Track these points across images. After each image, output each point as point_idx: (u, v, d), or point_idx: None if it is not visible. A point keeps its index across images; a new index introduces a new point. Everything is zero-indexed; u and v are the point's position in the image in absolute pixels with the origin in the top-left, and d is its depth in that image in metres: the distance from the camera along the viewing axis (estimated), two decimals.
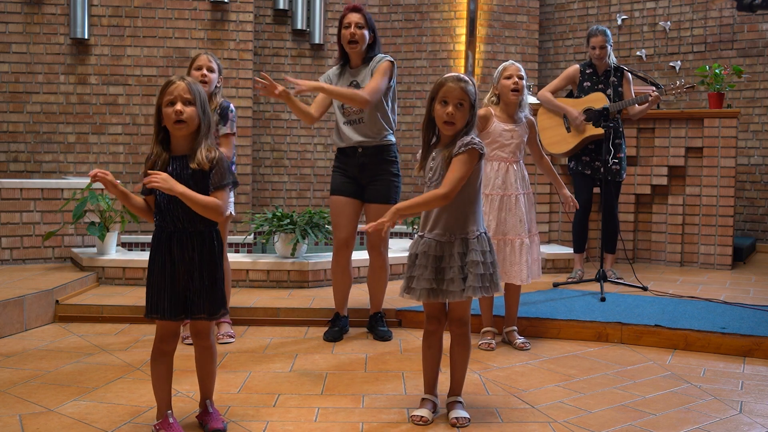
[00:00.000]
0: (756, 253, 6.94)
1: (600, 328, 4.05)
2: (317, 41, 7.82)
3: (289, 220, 4.93)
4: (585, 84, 5.28)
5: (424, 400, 2.87)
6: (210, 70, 3.80)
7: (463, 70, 7.86)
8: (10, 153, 6.86)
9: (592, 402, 3.05)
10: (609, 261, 5.32)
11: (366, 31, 3.87)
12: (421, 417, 2.78)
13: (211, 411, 2.70)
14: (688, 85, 5.10)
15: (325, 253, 5.09)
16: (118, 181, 2.52)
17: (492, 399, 3.08)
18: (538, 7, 8.17)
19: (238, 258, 5.01)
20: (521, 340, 3.90)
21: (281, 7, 7.68)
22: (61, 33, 6.84)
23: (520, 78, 3.81)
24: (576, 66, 5.36)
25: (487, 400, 3.06)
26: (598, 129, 4.94)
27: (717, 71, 5.97)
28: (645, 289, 4.89)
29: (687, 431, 2.75)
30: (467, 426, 2.76)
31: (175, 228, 2.57)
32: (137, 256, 5.03)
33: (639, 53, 7.88)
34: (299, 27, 7.76)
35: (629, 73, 5.28)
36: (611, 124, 4.85)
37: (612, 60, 5.27)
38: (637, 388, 3.25)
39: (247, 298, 4.53)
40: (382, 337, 3.99)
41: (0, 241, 5.11)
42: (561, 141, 5.26)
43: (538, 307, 4.37)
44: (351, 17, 3.86)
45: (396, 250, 5.34)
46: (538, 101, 5.42)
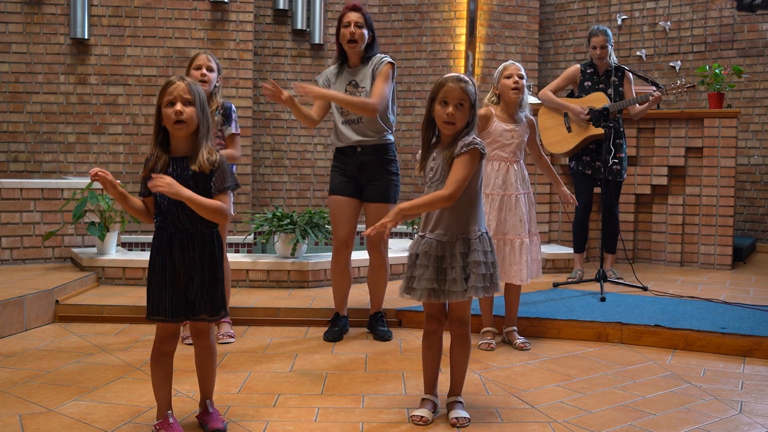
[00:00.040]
0: (756, 253, 6.94)
1: (600, 328, 4.05)
2: (317, 41, 7.82)
3: (289, 220, 4.93)
4: (586, 84, 5.27)
5: (424, 400, 2.87)
6: (209, 70, 3.80)
7: (463, 70, 7.85)
8: (10, 153, 6.86)
9: (592, 402, 3.05)
10: (609, 261, 5.32)
11: (365, 30, 3.87)
12: (421, 417, 2.78)
13: (211, 411, 2.70)
14: (689, 85, 5.10)
15: (325, 253, 5.09)
16: (118, 181, 2.52)
17: (492, 399, 3.08)
18: (538, 7, 8.17)
19: (238, 258, 5.01)
20: (521, 340, 3.89)
21: (281, 7, 7.68)
22: (61, 33, 6.84)
23: (521, 77, 3.81)
24: (577, 66, 5.36)
25: (487, 400, 3.06)
26: (599, 129, 4.94)
27: (717, 71, 5.97)
28: (645, 289, 4.89)
29: (687, 431, 2.75)
30: (467, 426, 2.76)
31: (176, 229, 2.57)
32: (137, 256, 5.03)
33: (639, 53, 7.87)
34: (299, 27, 7.76)
35: (630, 72, 5.28)
36: (611, 124, 4.84)
37: (613, 60, 5.27)
38: (637, 388, 3.25)
39: (247, 298, 4.53)
40: (382, 337, 3.99)
41: (0, 241, 5.11)
42: (561, 141, 5.26)
43: (538, 307, 4.37)
44: (350, 16, 3.85)
45: (396, 250, 5.34)
46: (539, 101, 5.42)
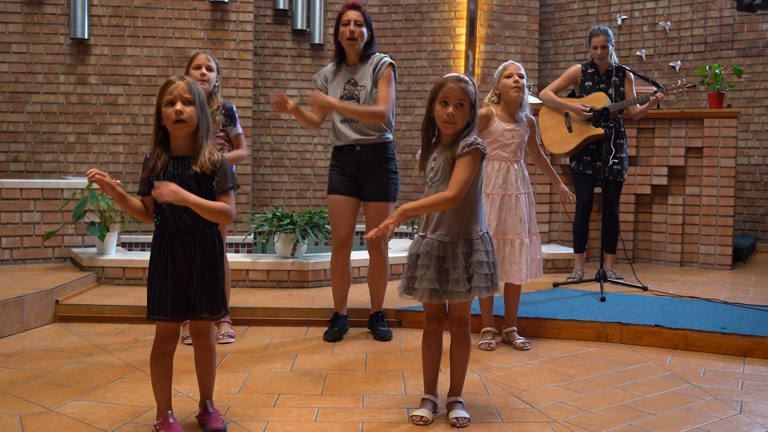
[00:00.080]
0: (756, 253, 6.94)
1: (600, 328, 4.05)
2: (317, 41, 7.82)
3: (289, 220, 4.93)
4: (587, 84, 5.27)
5: (424, 400, 2.87)
6: (209, 69, 3.80)
7: (463, 70, 7.85)
8: (10, 153, 6.86)
9: (592, 402, 3.05)
10: (609, 261, 5.32)
11: (365, 28, 3.87)
12: (421, 417, 2.78)
13: (211, 411, 2.70)
14: (690, 85, 5.10)
15: (325, 253, 5.08)
16: (117, 181, 2.51)
17: (492, 399, 3.08)
18: (538, 7, 8.17)
19: (238, 258, 5.01)
20: (521, 340, 3.89)
21: (281, 7, 7.68)
22: (61, 33, 6.84)
23: (521, 77, 3.81)
24: (578, 66, 5.36)
25: (487, 400, 3.06)
26: (600, 129, 4.94)
27: (717, 71, 5.96)
28: (645, 289, 4.89)
29: (687, 431, 2.75)
30: (467, 426, 2.76)
31: (177, 228, 2.57)
32: (137, 256, 5.03)
33: (639, 53, 7.87)
34: (299, 27, 7.76)
35: (631, 72, 5.28)
36: (611, 124, 4.84)
37: (614, 60, 5.27)
38: (637, 388, 3.25)
39: (247, 298, 4.53)
40: (383, 337, 3.99)
41: (0, 241, 5.11)
42: (562, 141, 5.25)
43: (538, 307, 4.37)
44: (350, 14, 3.85)
45: (396, 250, 5.34)
46: (540, 101, 5.42)
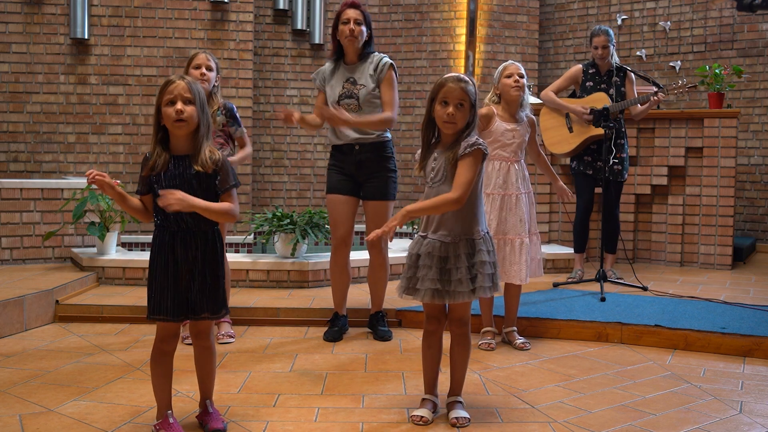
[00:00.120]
0: (756, 253, 6.94)
1: (600, 328, 4.05)
2: (317, 41, 7.82)
3: (289, 220, 4.93)
4: (587, 84, 5.27)
5: (424, 400, 2.87)
6: (208, 69, 3.81)
7: (463, 70, 7.85)
8: (10, 153, 6.86)
9: (592, 402, 3.05)
10: (609, 261, 5.32)
11: (364, 27, 3.87)
12: (421, 417, 2.78)
13: (211, 411, 2.70)
14: (690, 85, 5.10)
15: (325, 253, 5.08)
16: (117, 181, 2.51)
17: (492, 399, 3.08)
18: (538, 7, 8.17)
19: (238, 258, 5.01)
20: (521, 340, 3.89)
21: (281, 7, 7.68)
22: (61, 33, 6.84)
23: (521, 76, 3.82)
24: (579, 66, 5.36)
25: (487, 400, 3.05)
26: (600, 129, 4.94)
27: (717, 71, 5.96)
28: (645, 289, 4.89)
29: (687, 431, 2.75)
30: (467, 426, 2.76)
31: (178, 228, 2.57)
32: (137, 256, 5.03)
33: (639, 53, 7.87)
34: (299, 27, 7.76)
35: (632, 73, 5.28)
36: (612, 124, 4.84)
37: (615, 60, 5.26)
38: (637, 388, 3.25)
39: (247, 298, 4.53)
40: (383, 336, 3.99)
41: (0, 241, 5.11)
42: (563, 141, 5.25)
43: (538, 307, 4.37)
44: (349, 13, 3.85)
45: (396, 250, 5.34)
46: (540, 101, 5.42)
